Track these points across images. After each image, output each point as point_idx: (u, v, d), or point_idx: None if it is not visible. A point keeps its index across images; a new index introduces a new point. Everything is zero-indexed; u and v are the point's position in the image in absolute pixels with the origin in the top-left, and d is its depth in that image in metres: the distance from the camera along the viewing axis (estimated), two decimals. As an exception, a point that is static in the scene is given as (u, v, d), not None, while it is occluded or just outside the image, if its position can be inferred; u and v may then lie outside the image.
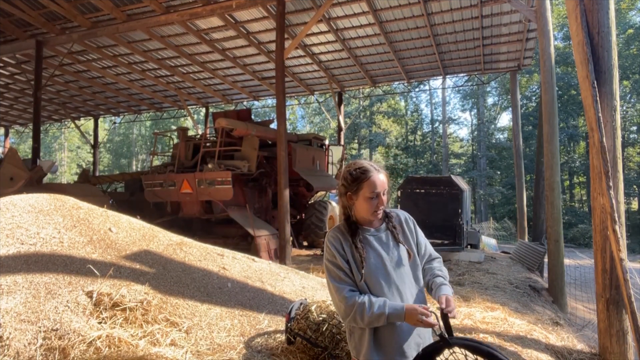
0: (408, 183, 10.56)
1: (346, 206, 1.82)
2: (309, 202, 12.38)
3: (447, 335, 1.56)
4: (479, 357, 1.53)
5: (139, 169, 36.87)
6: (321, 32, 11.02)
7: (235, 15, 10.08)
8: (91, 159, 24.35)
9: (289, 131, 12.59)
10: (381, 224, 1.83)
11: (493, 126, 32.74)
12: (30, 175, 8.84)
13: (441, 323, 1.58)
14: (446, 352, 1.59)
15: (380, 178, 1.76)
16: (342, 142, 15.13)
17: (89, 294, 2.79)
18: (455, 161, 34.37)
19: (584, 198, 29.53)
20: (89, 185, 11.28)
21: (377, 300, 1.61)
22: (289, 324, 2.97)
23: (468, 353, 1.57)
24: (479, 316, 4.64)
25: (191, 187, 8.87)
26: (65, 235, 3.38)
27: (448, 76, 14.52)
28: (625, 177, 20.76)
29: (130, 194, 12.02)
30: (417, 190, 10.33)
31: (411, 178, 11.23)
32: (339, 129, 15.51)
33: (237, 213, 8.86)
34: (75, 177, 25.03)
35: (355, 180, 1.76)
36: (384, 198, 1.78)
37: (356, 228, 1.78)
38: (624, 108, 25.67)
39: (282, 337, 3.05)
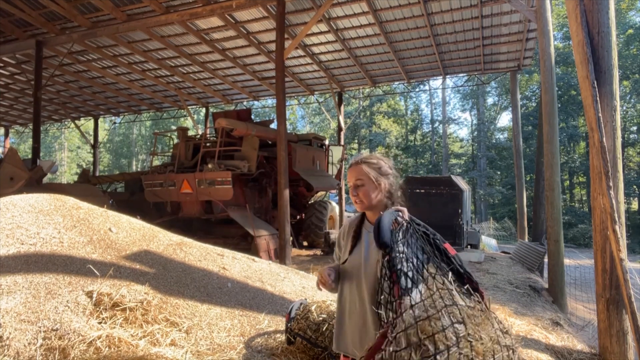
0: (408, 183, 10.56)
1: None
2: (309, 202, 12.37)
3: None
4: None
5: (139, 169, 36.85)
6: (321, 32, 11.02)
7: (235, 15, 10.07)
8: (91, 159, 24.35)
9: (289, 131, 12.59)
10: None
11: (493, 126, 32.74)
12: (30, 175, 8.84)
13: None
14: None
15: (352, 169, 1.83)
16: (342, 142, 15.13)
17: (89, 294, 2.79)
18: (455, 161, 34.38)
19: (584, 198, 29.53)
20: (89, 185, 11.28)
21: None
22: (289, 324, 2.96)
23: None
24: (479, 316, 4.63)
25: (191, 187, 8.87)
26: (65, 235, 3.38)
27: (448, 76, 14.51)
28: (625, 177, 20.77)
29: (130, 194, 12.01)
30: (417, 191, 10.34)
31: (411, 178, 11.23)
32: (339, 129, 15.51)
33: (237, 213, 8.86)
34: (75, 177, 25.04)
35: None
36: (358, 191, 1.79)
37: (362, 220, 1.87)
38: (624, 108, 25.67)
39: (282, 337, 3.05)
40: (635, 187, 26.12)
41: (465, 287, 1.55)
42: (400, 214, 1.68)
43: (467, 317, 1.36)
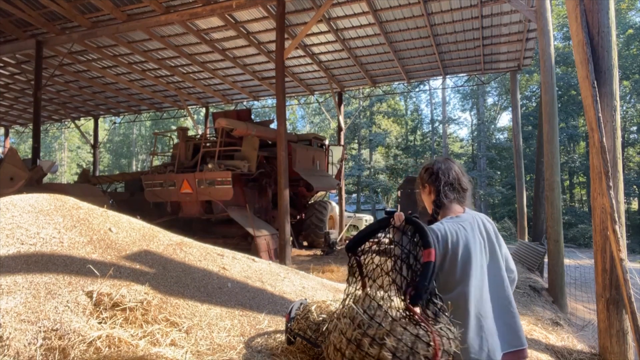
0: (408, 183, 10.57)
1: None
2: (309, 202, 12.37)
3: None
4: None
5: (139, 169, 36.85)
6: (321, 32, 11.02)
7: (235, 15, 10.08)
8: (91, 159, 24.35)
9: (289, 131, 12.59)
10: None
11: (493, 126, 32.73)
12: (30, 175, 8.84)
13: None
14: None
15: None
16: (342, 142, 15.14)
17: (89, 294, 2.79)
18: (455, 161, 34.30)
19: (584, 198, 29.52)
20: (89, 185, 11.27)
21: None
22: (289, 324, 2.96)
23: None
24: (479, 316, 4.62)
25: (191, 187, 8.87)
26: (65, 235, 3.38)
27: (448, 76, 14.51)
28: (625, 177, 20.77)
29: (130, 194, 12.01)
30: (417, 190, 10.36)
31: (411, 178, 11.23)
32: (339, 129, 15.51)
33: (237, 213, 8.86)
34: (75, 177, 25.02)
35: None
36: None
37: None
38: (624, 108, 25.66)
39: (282, 337, 3.04)
40: (635, 187, 26.10)
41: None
42: (392, 220, 1.73)
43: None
